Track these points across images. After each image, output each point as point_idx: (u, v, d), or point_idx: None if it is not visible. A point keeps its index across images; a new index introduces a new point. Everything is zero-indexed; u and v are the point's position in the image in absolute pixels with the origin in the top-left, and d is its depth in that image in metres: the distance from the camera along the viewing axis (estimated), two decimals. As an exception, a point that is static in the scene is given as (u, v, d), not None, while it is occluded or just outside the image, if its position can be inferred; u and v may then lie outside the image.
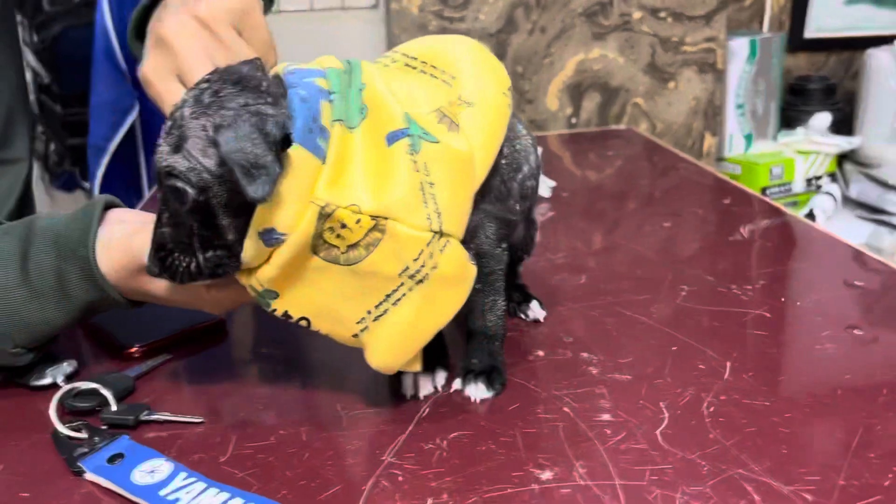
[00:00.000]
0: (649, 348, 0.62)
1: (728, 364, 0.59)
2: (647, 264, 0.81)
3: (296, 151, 0.43)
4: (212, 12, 0.54)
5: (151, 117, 1.49)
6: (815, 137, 1.98)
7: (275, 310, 0.49)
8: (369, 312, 0.48)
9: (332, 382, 0.58)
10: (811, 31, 2.16)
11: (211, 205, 0.45)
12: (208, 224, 0.46)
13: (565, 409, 0.54)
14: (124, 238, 0.53)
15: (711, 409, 0.53)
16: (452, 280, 0.48)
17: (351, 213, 0.44)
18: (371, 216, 0.44)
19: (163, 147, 0.45)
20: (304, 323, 0.49)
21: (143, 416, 0.53)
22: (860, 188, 1.93)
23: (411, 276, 0.46)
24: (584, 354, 0.61)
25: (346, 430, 0.52)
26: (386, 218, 0.45)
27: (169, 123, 0.45)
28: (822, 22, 2.16)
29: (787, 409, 0.53)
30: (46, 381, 0.56)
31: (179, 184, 0.44)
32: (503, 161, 0.53)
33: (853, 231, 1.79)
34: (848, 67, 2.23)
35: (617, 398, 0.55)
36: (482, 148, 0.49)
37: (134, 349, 0.62)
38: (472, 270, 0.50)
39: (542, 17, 1.59)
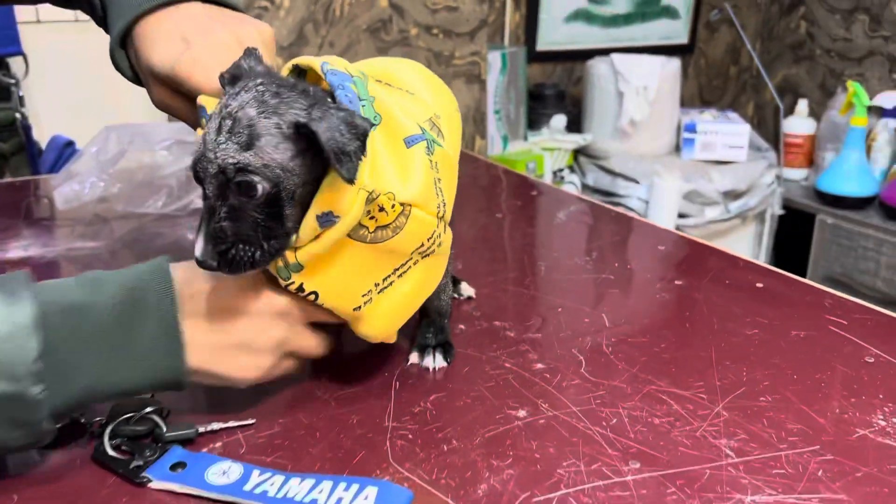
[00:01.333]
0: (542, 312, 0.76)
1: (604, 315, 0.75)
2: (501, 248, 0.95)
3: None
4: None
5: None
6: (556, 136, 2.31)
7: (291, 283, 0.54)
8: (377, 285, 0.56)
9: (297, 375, 0.64)
10: (541, 45, 2.50)
11: (280, 197, 0.49)
12: (274, 215, 0.49)
13: (506, 364, 0.66)
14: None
15: (610, 349, 0.69)
16: (444, 254, 0.59)
17: (388, 199, 0.52)
18: (401, 203, 0.53)
19: (227, 145, 0.48)
20: (311, 297, 0.55)
21: (203, 429, 0.55)
22: (595, 177, 2.29)
23: (421, 253, 0.56)
24: (497, 323, 0.73)
25: (339, 409, 0.59)
26: (411, 205, 0.53)
27: (228, 122, 0.48)
28: (549, 37, 2.51)
29: (659, 341, 0.70)
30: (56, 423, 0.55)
31: (255, 178, 0.48)
32: None
33: (595, 213, 2.13)
34: (571, 75, 2.61)
35: (540, 351, 0.68)
36: (453, 151, 0.59)
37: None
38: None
39: (331, 33, 1.68)
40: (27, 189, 1.22)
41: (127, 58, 0.64)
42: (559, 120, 2.35)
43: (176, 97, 0.61)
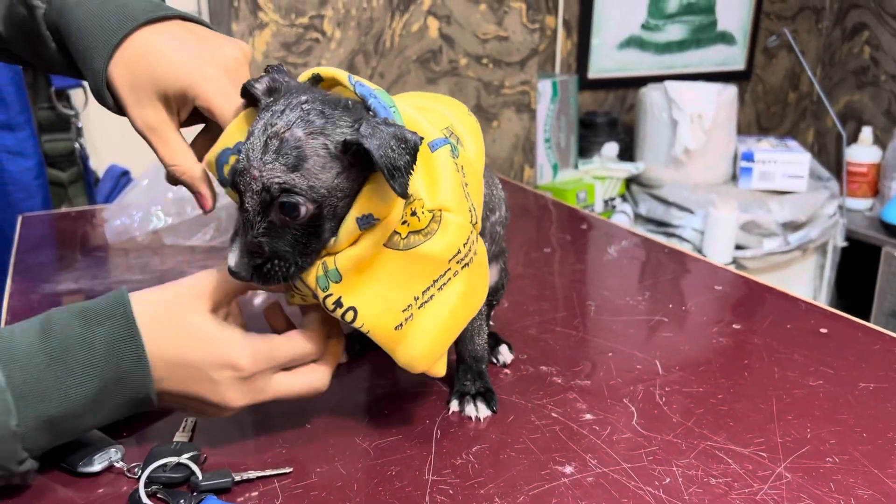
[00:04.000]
0: (591, 357, 0.73)
1: (657, 362, 0.72)
2: (549, 286, 0.93)
3: None
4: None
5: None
6: (608, 164, 2.27)
7: (329, 295, 0.52)
8: (416, 299, 0.54)
9: (335, 420, 0.63)
10: (593, 73, 2.47)
11: (322, 215, 0.49)
12: (313, 232, 0.50)
13: (553, 414, 0.63)
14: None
15: (663, 399, 0.65)
16: (483, 266, 0.57)
17: (420, 204, 0.52)
18: (430, 210, 0.52)
19: (275, 165, 0.48)
20: (350, 315, 0.53)
21: (238, 477, 0.54)
22: (648, 206, 2.24)
23: (459, 262, 0.54)
24: (544, 368, 0.71)
25: (378, 458, 0.57)
26: (442, 210, 0.52)
27: (275, 142, 0.48)
28: (601, 64, 2.48)
29: (717, 391, 0.66)
30: (95, 468, 0.54)
31: (300, 199, 0.48)
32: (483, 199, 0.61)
33: (648, 244, 2.08)
34: (623, 103, 2.58)
35: (589, 400, 0.65)
36: (478, 159, 0.59)
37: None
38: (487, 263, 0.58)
39: (381, 64, 1.69)
40: (83, 219, 1.24)
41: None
42: (611, 148, 2.32)
43: (168, 116, 0.60)
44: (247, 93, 0.54)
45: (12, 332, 0.50)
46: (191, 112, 0.62)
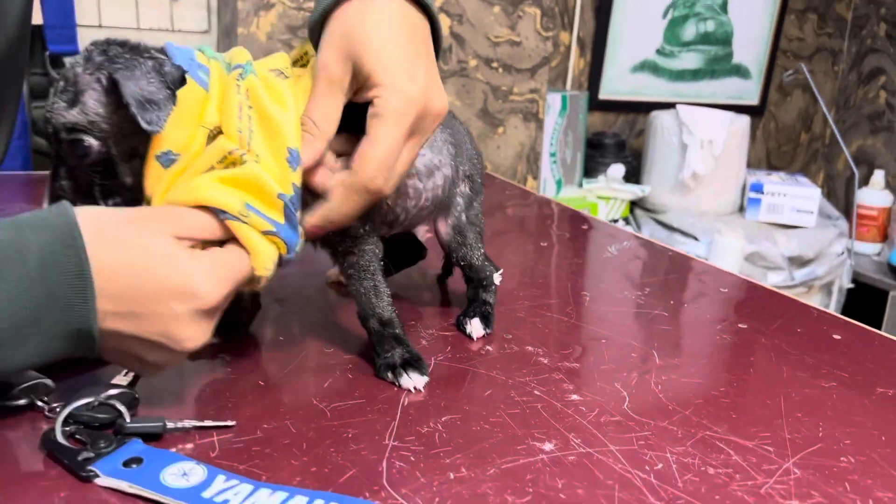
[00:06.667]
0: (581, 341, 0.67)
1: (654, 352, 0.65)
2: (544, 275, 0.87)
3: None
4: None
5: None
6: (613, 185, 2.22)
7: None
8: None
9: (292, 380, 0.56)
10: (604, 94, 2.43)
11: (110, 153, 0.48)
12: (108, 173, 0.49)
13: (536, 392, 0.56)
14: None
15: (659, 387, 0.59)
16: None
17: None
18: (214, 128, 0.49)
19: (58, 104, 0.47)
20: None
21: (172, 425, 0.47)
22: (651, 230, 2.18)
23: (226, 166, 0.48)
24: (529, 348, 0.64)
25: (334, 420, 0.51)
26: (220, 130, 0.49)
27: (61, 84, 0.48)
28: (612, 86, 2.45)
29: (719, 384, 0.60)
30: (21, 401, 0.48)
31: (83, 136, 0.47)
32: None
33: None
34: (633, 126, 2.54)
35: (577, 382, 0.59)
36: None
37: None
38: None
39: (388, 57, 1.64)
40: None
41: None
42: (617, 169, 2.27)
43: (347, 78, 0.52)
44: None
45: None
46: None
